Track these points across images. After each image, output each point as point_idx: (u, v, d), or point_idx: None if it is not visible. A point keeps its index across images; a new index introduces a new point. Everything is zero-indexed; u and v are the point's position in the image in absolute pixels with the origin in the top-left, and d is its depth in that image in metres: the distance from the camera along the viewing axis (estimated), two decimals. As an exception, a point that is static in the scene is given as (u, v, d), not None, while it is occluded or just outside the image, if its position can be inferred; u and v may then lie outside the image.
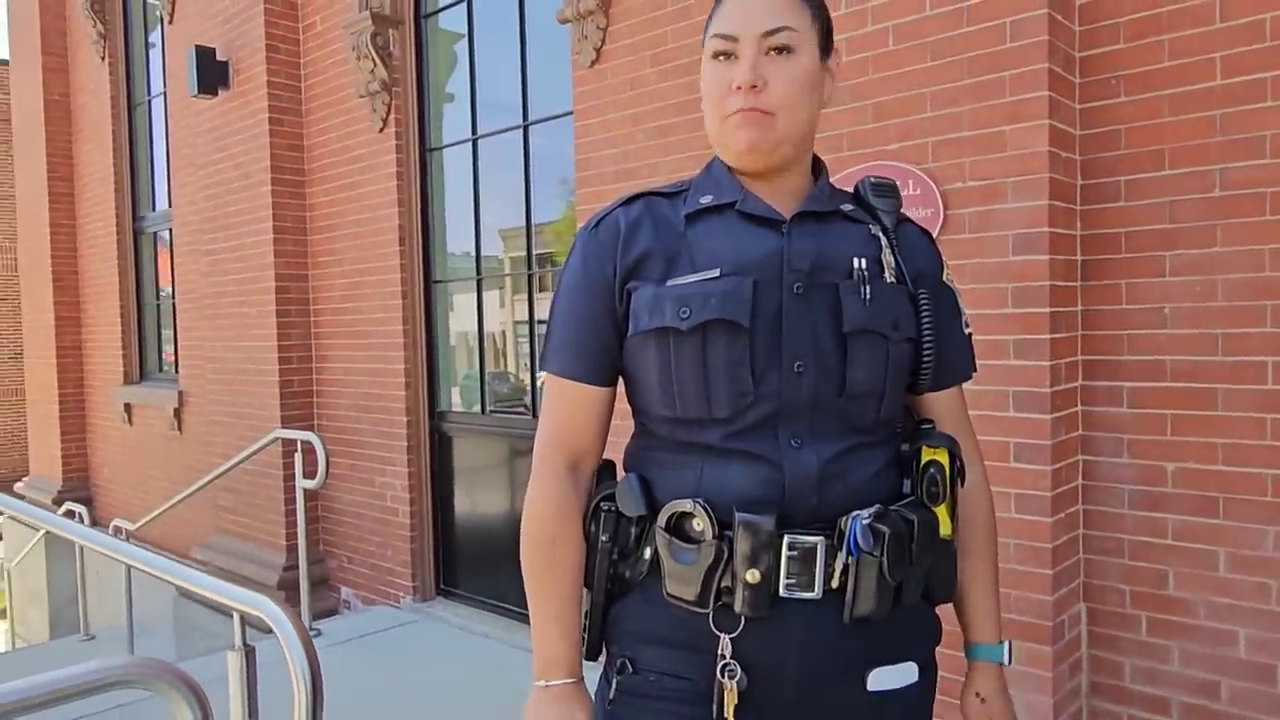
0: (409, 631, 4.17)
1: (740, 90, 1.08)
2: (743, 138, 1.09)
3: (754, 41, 1.08)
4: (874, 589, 1.05)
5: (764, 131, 1.09)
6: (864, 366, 1.10)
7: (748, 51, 1.08)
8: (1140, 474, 2.44)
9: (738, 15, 1.10)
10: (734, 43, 1.09)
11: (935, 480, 1.12)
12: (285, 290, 4.87)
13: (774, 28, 1.09)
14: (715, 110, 1.12)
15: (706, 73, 1.13)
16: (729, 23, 1.10)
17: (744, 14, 1.09)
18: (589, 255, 1.16)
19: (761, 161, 1.12)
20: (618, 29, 3.39)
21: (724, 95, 1.10)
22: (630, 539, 1.14)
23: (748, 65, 1.08)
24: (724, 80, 1.10)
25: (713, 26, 1.12)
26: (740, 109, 1.08)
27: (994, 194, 2.44)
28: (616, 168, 3.40)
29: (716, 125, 1.12)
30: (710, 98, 1.12)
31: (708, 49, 1.12)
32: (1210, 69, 2.30)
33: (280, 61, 4.86)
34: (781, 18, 1.09)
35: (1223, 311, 2.30)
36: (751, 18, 1.09)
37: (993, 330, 2.44)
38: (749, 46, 1.08)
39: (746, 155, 1.11)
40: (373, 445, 4.65)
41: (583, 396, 1.17)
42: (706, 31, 1.14)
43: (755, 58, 1.08)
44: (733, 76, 1.08)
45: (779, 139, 1.10)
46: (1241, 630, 2.30)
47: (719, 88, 1.10)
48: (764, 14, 1.09)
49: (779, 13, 1.09)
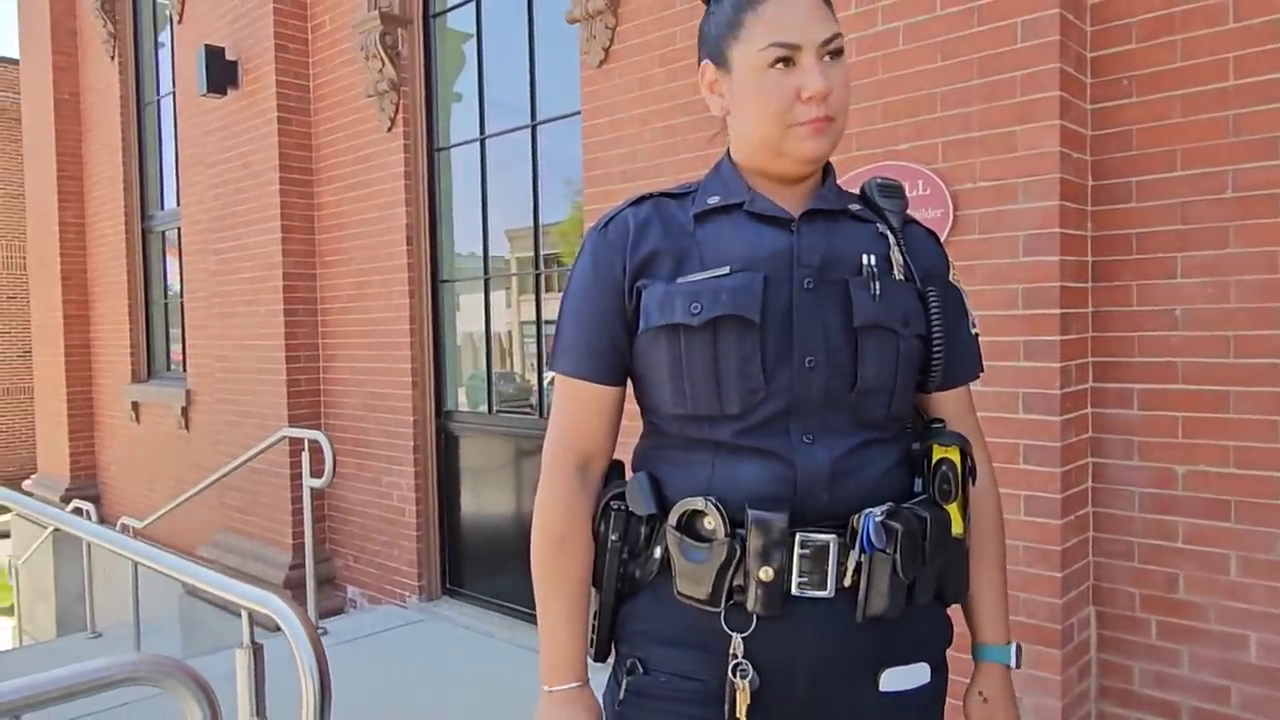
0: (415, 631, 4.17)
1: (814, 99, 1.06)
2: (812, 147, 1.09)
3: (815, 49, 1.07)
4: (887, 587, 1.05)
5: (830, 140, 1.10)
6: (875, 361, 1.09)
7: (811, 58, 1.07)
8: (1151, 477, 2.43)
9: (796, 23, 1.07)
10: (796, 50, 1.07)
11: (947, 478, 1.11)
12: (293, 289, 4.88)
13: (833, 34, 1.08)
14: (777, 119, 1.08)
15: (761, 80, 1.08)
16: (789, 31, 1.07)
17: (802, 21, 1.07)
18: (598, 255, 1.16)
19: (814, 169, 1.13)
20: (626, 29, 3.39)
21: (790, 104, 1.07)
22: (640, 538, 1.14)
23: (818, 72, 1.06)
24: (788, 88, 1.07)
25: (764, 32, 1.08)
26: (813, 119, 1.07)
27: (1004, 194, 2.43)
28: (624, 168, 3.40)
29: (777, 133, 1.09)
30: (771, 108, 1.08)
31: (760, 57, 1.08)
32: (1223, 69, 2.29)
33: (289, 61, 4.87)
34: (833, 23, 1.09)
35: (1235, 313, 2.29)
36: (811, 25, 1.07)
37: (1003, 331, 2.43)
38: (811, 54, 1.07)
39: (810, 165, 1.11)
40: (379, 444, 4.65)
41: (592, 396, 1.17)
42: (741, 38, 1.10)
43: (821, 67, 1.07)
44: (798, 84, 1.06)
45: (836, 142, 1.12)
46: (1253, 635, 2.28)
47: (784, 97, 1.07)
48: (819, 20, 1.08)
49: (830, 18, 1.09)
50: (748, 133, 1.14)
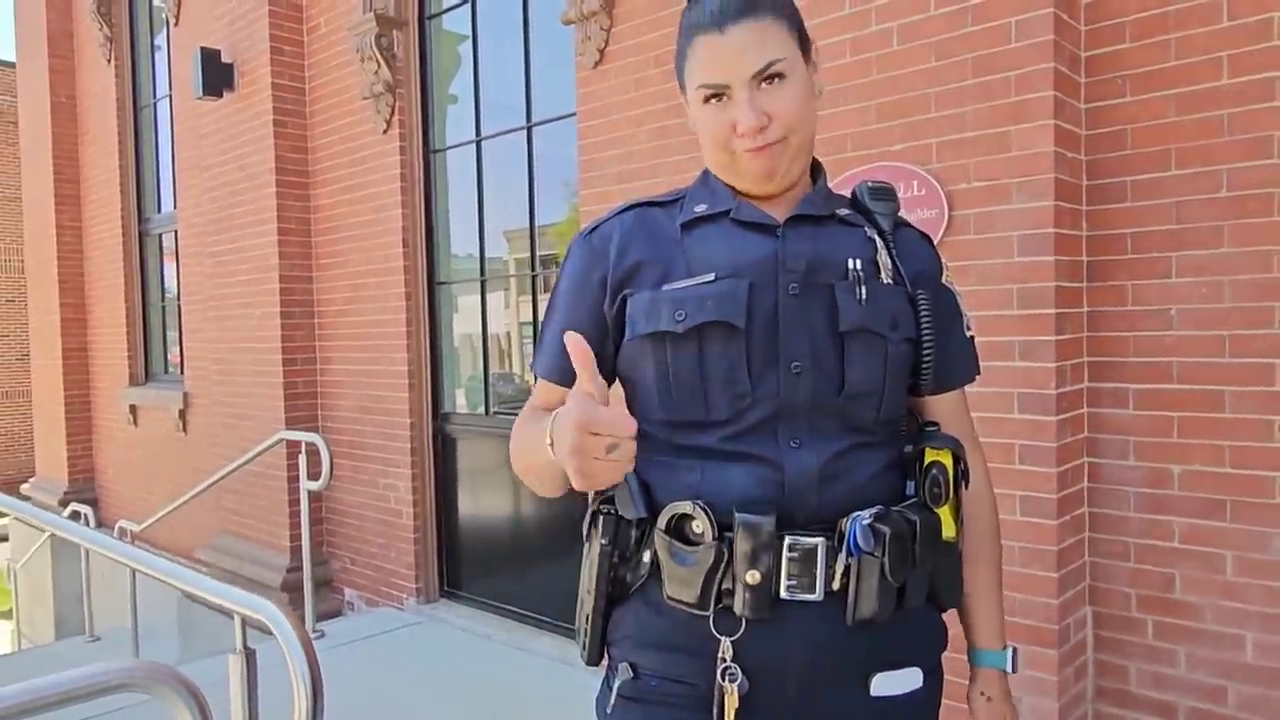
0: (412, 633, 4.17)
1: (746, 135, 1.07)
2: (761, 166, 1.09)
3: (745, 84, 1.06)
4: (876, 590, 1.04)
5: (778, 159, 1.09)
6: (862, 366, 1.09)
7: (742, 94, 1.06)
8: (1146, 477, 2.43)
9: (719, 62, 1.06)
10: (725, 89, 1.07)
11: (938, 481, 1.11)
12: (289, 291, 4.88)
13: (762, 66, 1.06)
14: (720, 150, 1.10)
15: (701, 113, 1.10)
16: (713, 72, 1.07)
17: (726, 60, 1.06)
18: (582, 261, 1.17)
19: (779, 184, 1.12)
20: (621, 30, 3.39)
21: (728, 136, 1.08)
22: (630, 542, 1.14)
23: (747, 108, 1.06)
24: (724, 122, 1.08)
25: (695, 74, 1.09)
26: (749, 149, 1.08)
27: (999, 195, 2.43)
28: (620, 169, 3.39)
29: (725, 160, 1.11)
30: (713, 139, 1.10)
31: (696, 94, 1.10)
32: (1217, 68, 2.28)
33: (284, 63, 4.87)
34: (766, 53, 1.06)
35: (1230, 313, 2.29)
36: (735, 61, 1.06)
37: (998, 332, 2.42)
38: (741, 89, 1.06)
39: (766, 182, 1.11)
40: (376, 447, 4.65)
41: (564, 399, 1.17)
42: (685, 70, 1.12)
43: (751, 97, 1.06)
44: (733, 119, 1.07)
45: (792, 157, 1.10)
46: (1249, 635, 2.28)
47: (721, 130, 1.08)
48: (747, 55, 1.06)
49: (762, 48, 1.06)
50: (706, 155, 1.16)
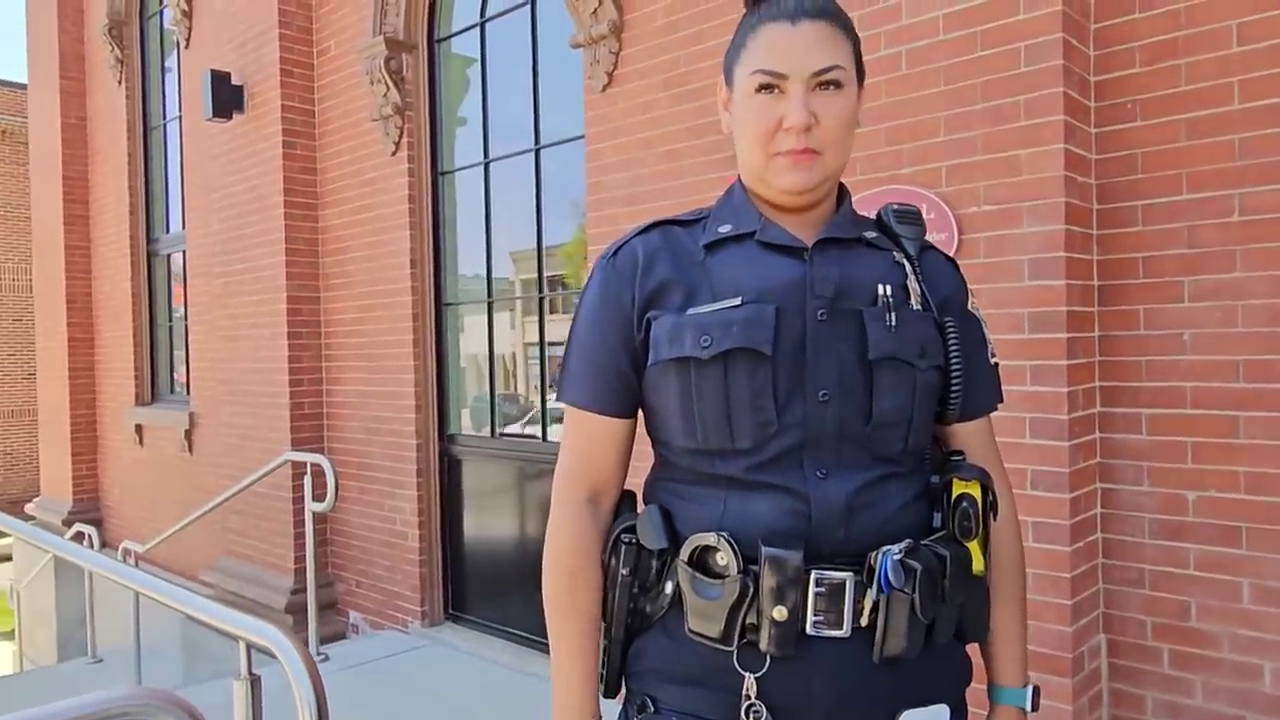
0: (417, 657, 4.13)
1: (791, 130, 1.04)
2: (792, 180, 1.06)
3: (804, 80, 1.04)
4: (905, 627, 1.01)
5: (812, 173, 1.06)
6: (890, 395, 1.06)
7: (797, 89, 1.04)
8: (1161, 502, 2.40)
9: (786, 51, 1.05)
10: (782, 79, 1.05)
11: (968, 514, 1.08)
12: (297, 312, 4.88)
13: (826, 66, 1.05)
14: (760, 147, 1.07)
15: (748, 104, 1.07)
16: (776, 59, 1.05)
17: (792, 50, 1.05)
18: (607, 284, 1.14)
19: (805, 200, 1.10)
20: (630, 53, 3.40)
21: (771, 132, 1.05)
22: (651, 572, 1.11)
23: (800, 103, 1.03)
24: (771, 116, 1.05)
25: (753, 59, 1.07)
26: (792, 149, 1.05)
27: (1009, 218, 2.42)
28: (628, 191, 3.40)
29: (761, 162, 1.08)
30: (755, 133, 1.07)
31: (748, 82, 1.07)
32: (1228, 93, 2.28)
33: (294, 86, 4.90)
34: (831, 55, 1.05)
35: (1244, 337, 2.27)
36: (801, 55, 1.04)
37: (1009, 356, 2.41)
38: (798, 84, 1.04)
39: (793, 196, 1.09)
40: (382, 468, 4.63)
41: (601, 428, 1.15)
42: (740, 61, 1.09)
43: (805, 95, 1.04)
44: (782, 113, 1.04)
45: (825, 177, 1.08)
46: (1267, 664, 2.25)
47: (766, 123, 1.06)
48: (814, 51, 1.05)
49: (828, 50, 1.05)
50: (741, 156, 1.13)
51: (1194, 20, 2.32)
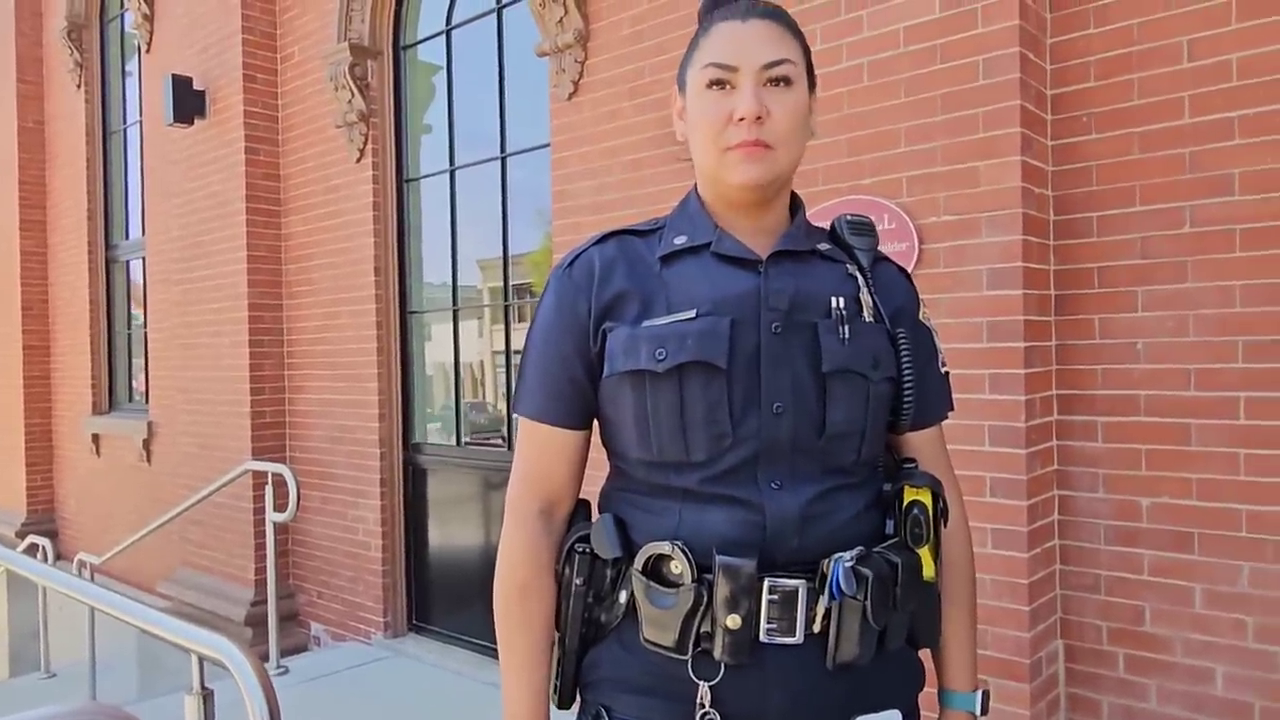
0: (379, 668, 4.08)
1: (743, 122, 1.04)
2: (744, 173, 1.06)
3: (754, 73, 1.05)
4: (857, 634, 1.03)
5: (766, 167, 1.06)
6: (844, 406, 1.07)
7: (748, 82, 1.05)
8: (1116, 509, 2.44)
9: (736, 45, 1.06)
10: (733, 73, 1.06)
11: (919, 521, 1.09)
12: (259, 320, 4.82)
13: (775, 59, 1.06)
14: (712, 142, 1.07)
15: (699, 102, 1.08)
16: (727, 53, 1.06)
17: (743, 44, 1.06)
18: (563, 295, 1.14)
19: (758, 195, 1.10)
20: (595, 63, 3.41)
21: (723, 126, 1.06)
22: (606, 582, 1.11)
23: (750, 94, 1.04)
24: (722, 110, 1.06)
25: (705, 54, 1.08)
26: (743, 141, 1.05)
27: (968, 229, 2.46)
28: (593, 200, 3.40)
29: (714, 157, 1.08)
30: (706, 128, 1.08)
31: (700, 78, 1.08)
32: (1179, 108, 2.33)
33: (257, 91, 4.85)
34: (780, 50, 1.07)
35: (1195, 347, 2.32)
36: (751, 49, 1.06)
37: (968, 364, 2.44)
38: (749, 77, 1.05)
39: (747, 191, 1.09)
40: (345, 478, 4.58)
41: (556, 440, 1.15)
42: (692, 61, 1.11)
43: (756, 88, 1.05)
44: (733, 107, 1.05)
45: (777, 174, 1.08)
46: (1219, 667, 2.29)
47: (717, 118, 1.06)
48: (764, 45, 1.06)
49: (778, 44, 1.07)
50: (695, 157, 1.13)
51: (1146, 36, 2.37)
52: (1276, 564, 2.20)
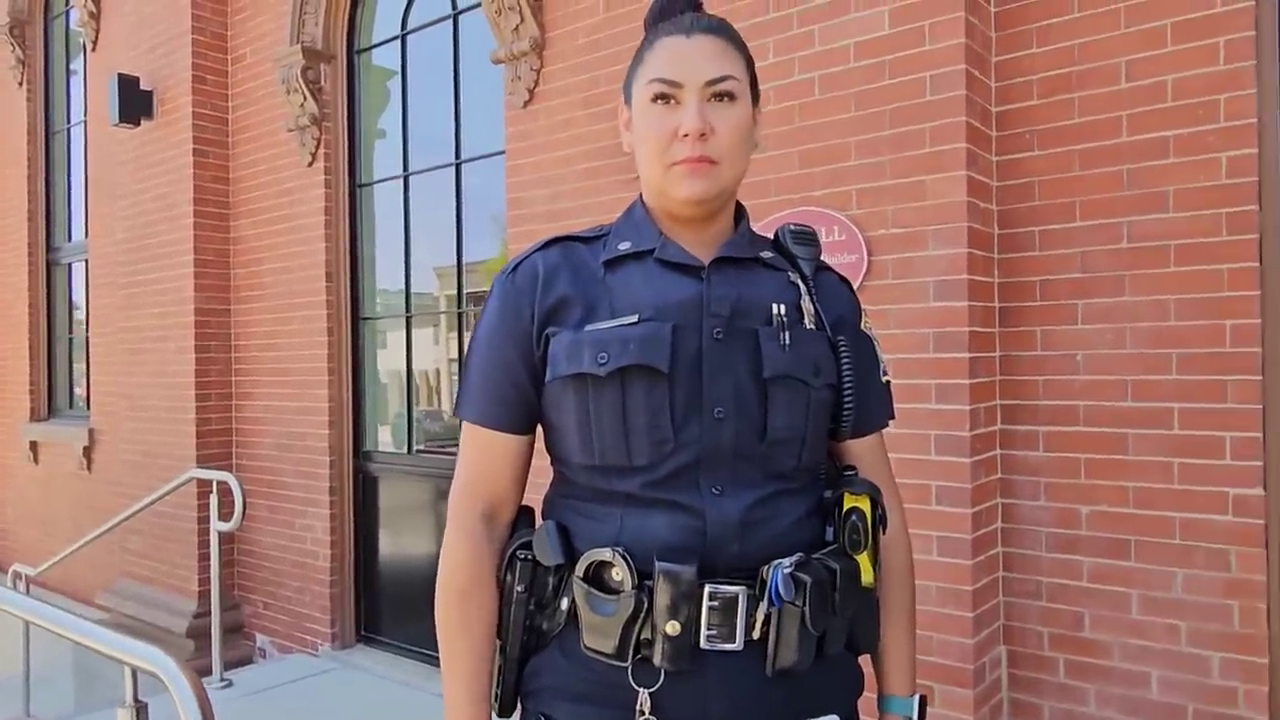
0: (326, 680, 4.01)
1: (687, 138, 1.06)
2: (689, 189, 1.07)
3: (698, 89, 1.06)
4: (796, 639, 1.03)
5: (710, 182, 1.08)
6: (785, 413, 1.09)
7: (692, 98, 1.06)
8: (1057, 517, 2.49)
9: (680, 61, 1.08)
10: (678, 88, 1.07)
11: (857, 528, 1.10)
12: (205, 325, 4.73)
13: (719, 75, 1.07)
14: (657, 157, 1.09)
15: (645, 116, 1.10)
16: (671, 69, 1.08)
17: (687, 60, 1.07)
18: (506, 300, 1.14)
19: (703, 210, 1.11)
20: (551, 71, 3.41)
21: (668, 142, 1.07)
22: (548, 589, 1.11)
23: (695, 111, 1.06)
24: (668, 126, 1.07)
25: (650, 70, 1.10)
26: (687, 157, 1.06)
27: (915, 241, 2.50)
28: (548, 208, 3.39)
29: (659, 172, 1.09)
30: (651, 143, 1.09)
31: (645, 92, 1.09)
32: (1117, 126, 2.40)
33: (207, 93, 4.77)
34: (724, 65, 1.08)
35: (1132, 358, 2.38)
36: (695, 64, 1.07)
37: (914, 374, 2.48)
38: (693, 93, 1.06)
39: (691, 207, 1.10)
40: (294, 486, 4.50)
41: (498, 445, 1.15)
42: (637, 75, 1.12)
43: (700, 104, 1.06)
44: (678, 122, 1.06)
45: (722, 189, 1.09)
46: (1154, 671, 2.35)
47: (662, 133, 1.07)
48: (708, 61, 1.08)
49: (721, 60, 1.08)
50: (641, 169, 1.14)
51: (1087, 57, 2.44)
52: (1208, 570, 2.26)
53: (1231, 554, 2.24)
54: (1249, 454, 2.22)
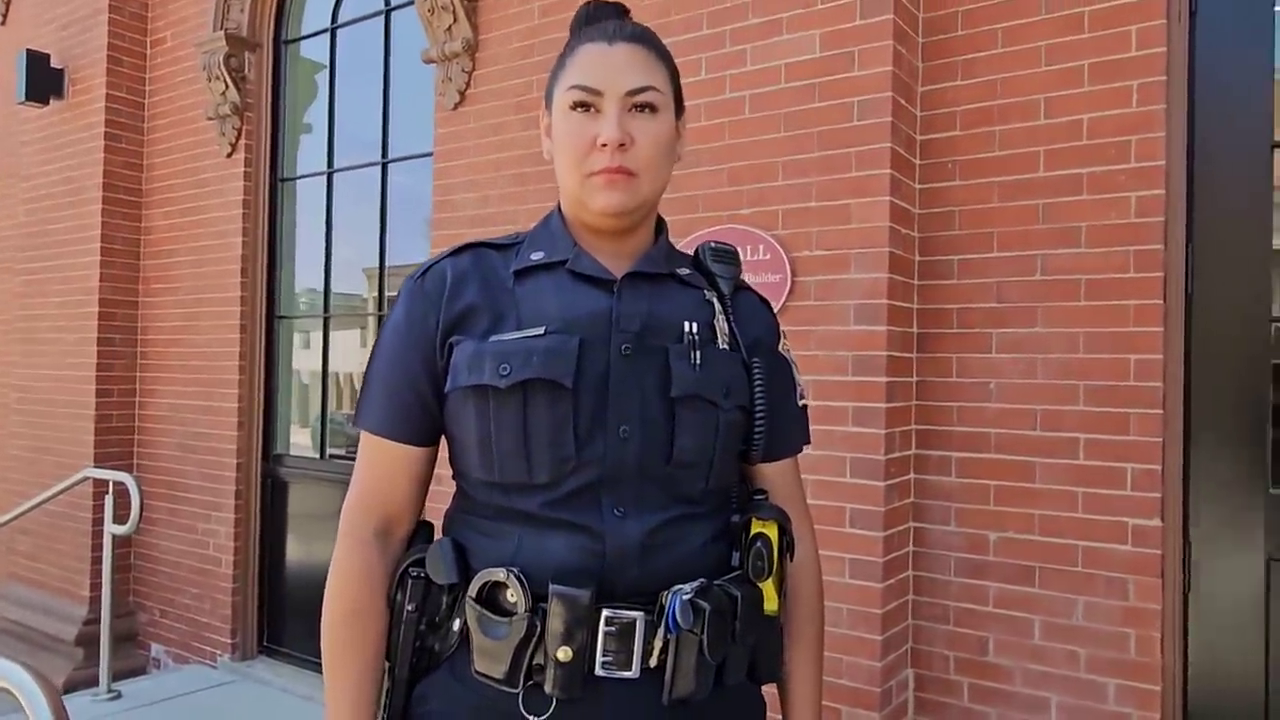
0: (224, 693, 3.85)
1: (605, 148, 1.03)
2: (606, 200, 1.04)
3: (618, 99, 1.04)
4: (693, 668, 1.01)
5: (628, 195, 1.04)
6: (692, 434, 1.06)
7: (612, 108, 1.04)
8: (966, 542, 2.53)
9: (601, 69, 1.05)
10: (598, 97, 1.04)
11: (762, 554, 1.08)
12: (110, 317, 4.51)
13: (640, 86, 1.05)
14: (575, 166, 1.05)
15: (564, 123, 1.06)
16: (592, 76, 1.05)
17: (608, 68, 1.05)
18: (412, 307, 1.09)
19: (622, 222, 1.08)
20: (483, 74, 3.36)
21: (586, 151, 1.04)
22: (440, 609, 1.07)
23: (614, 121, 1.03)
24: (586, 135, 1.04)
25: (570, 76, 1.07)
26: (606, 168, 1.03)
27: (838, 264, 2.52)
28: (475, 212, 3.33)
29: (576, 181, 1.06)
30: (569, 151, 1.06)
31: (565, 99, 1.06)
32: (1035, 161, 2.46)
33: (123, 75, 4.57)
34: (646, 76, 1.06)
35: (1041, 389, 2.43)
36: (616, 73, 1.04)
37: (834, 397, 2.49)
38: (613, 103, 1.04)
39: (609, 219, 1.07)
40: (197, 489, 4.31)
41: (397, 456, 1.10)
42: (558, 81, 1.09)
43: (620, 114, 1.04)
44: (597, 131, 1.03)
45: (641, 202, 1.06)
46: (1054, 697, 2.39)
47: (580, 142, 1.04)
48: (629, 70, 1.05)
49: (643, 70, 1.06)
50: (559, 178, 1.11)
51: (1008, 91, 2.50)
52: (1107, 598, 2.32)
53: (1130, 583, 2.30)
54: (1149, 485, 2.28)
